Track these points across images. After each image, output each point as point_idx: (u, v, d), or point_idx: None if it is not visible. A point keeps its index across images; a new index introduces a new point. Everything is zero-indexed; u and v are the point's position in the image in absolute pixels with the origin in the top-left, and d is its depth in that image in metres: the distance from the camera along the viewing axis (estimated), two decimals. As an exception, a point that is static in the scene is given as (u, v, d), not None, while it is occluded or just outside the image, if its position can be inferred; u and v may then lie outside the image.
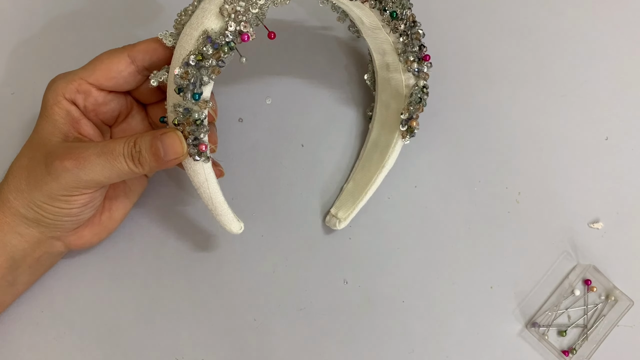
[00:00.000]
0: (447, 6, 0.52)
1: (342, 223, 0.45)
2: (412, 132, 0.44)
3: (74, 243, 0.41)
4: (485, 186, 0.49)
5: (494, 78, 0.51)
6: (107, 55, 0.39)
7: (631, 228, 0.49)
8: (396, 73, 0.43)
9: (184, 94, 0.36)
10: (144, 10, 0.50)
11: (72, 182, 0.37)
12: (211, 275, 0.46)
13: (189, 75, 0.35)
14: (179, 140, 0.36)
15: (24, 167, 0.38)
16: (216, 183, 0.39)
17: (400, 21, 0.40)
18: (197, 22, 0.35)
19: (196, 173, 0.38)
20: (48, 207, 0.38)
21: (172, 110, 0.37)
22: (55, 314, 0.45)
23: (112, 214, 0.43)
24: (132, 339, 0.45)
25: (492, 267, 0.47)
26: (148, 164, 0.37)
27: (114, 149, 0.37)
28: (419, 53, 0.42)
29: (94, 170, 0.37)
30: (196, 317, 0.45)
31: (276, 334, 0.46)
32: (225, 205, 0.40)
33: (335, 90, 0.49)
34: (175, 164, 0.38)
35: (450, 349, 0.46)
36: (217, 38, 0.35)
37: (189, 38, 0.36)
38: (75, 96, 0.39)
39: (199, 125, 0.36)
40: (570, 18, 0.52)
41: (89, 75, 0.39)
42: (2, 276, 0.39)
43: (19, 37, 0.49)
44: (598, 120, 0.50)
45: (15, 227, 0.39)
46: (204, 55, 0.35)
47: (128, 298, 0.45)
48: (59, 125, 0.39)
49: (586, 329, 0.47)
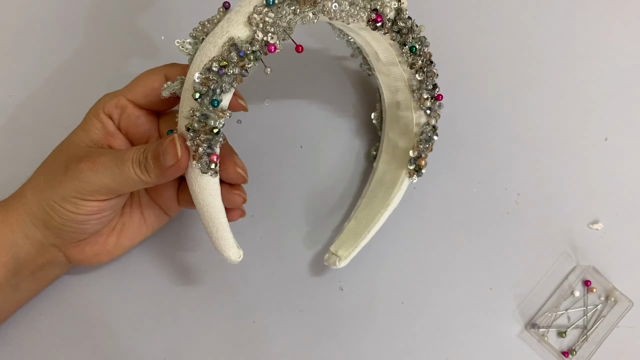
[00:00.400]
0: (447, 6, 0.52)
1: (342, 262, 0.44)
2: (420, 171, 0.43)
3: (74, 257, 0.41)
4: (484, 187, 0.49)
5: (493, 78, 0.51)
6: (146, 74, 0.40)
7: (631, 229, 0.48)
8: (407, 111, 0.43)
9: (201, 100, 0.34)
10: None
11: (86, 184, 0.37)
12: (210, 278, 0.46)
13: (210, 82, 0.34)
14: (175, 142, 0.36)
15: (47, 167, 0.40)
16: (221, 203, 0.37)
17: (419, 57, 0.40)
18: (222, 31, 0.34)
19: (201, 188, 0.36)
20: (58, 207, 0.38)
21: (187, 116, 0.35)
22: (54, 316, 0.44)
23: (119, 240, 0.42)
24: (132, 340, 0.45)
25: (492, 268, 0.47)
26: (153, 171, 0.37)
27: (125, 155, 0.37)
28: (433, 92, 0.42)
29: (106, 174, 0.37)
30: (196, 319, 0.45)
31: (276, 335, 0.46)
32: (228, 229, 0.38)
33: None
34: (177, 173, 0.37)
35: (450, 351, 0.46)
36: (243, 46, 0.34)
37: (212, 46, 0.34)
38: (112, 111, 0.40)
39: (215, 134, 0.35)
40: (569, 18, 0.52)
41: (127, 92, 0.40)
42: (6, 279, 0.39)
43: (18, 38, 0.49)
44: (597, 120, 0.50)
45: (23, 227, 0.39)
46: (228, 62, 0.34)
47: (127, 300, 0.45)
48: (91, 134, 0.40)
49: (586, 330, 0.47)
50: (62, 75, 0.48)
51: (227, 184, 0.40)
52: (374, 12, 0.37)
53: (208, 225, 0.37)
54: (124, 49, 0.49)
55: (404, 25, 0.38)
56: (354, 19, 0.36)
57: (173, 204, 0.42)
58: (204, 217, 0.37)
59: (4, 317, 0.42)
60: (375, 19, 0.37)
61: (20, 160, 0.46)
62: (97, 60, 0.49)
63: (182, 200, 0.42)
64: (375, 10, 0.37)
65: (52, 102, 0.48)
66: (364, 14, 0.36)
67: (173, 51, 0.39)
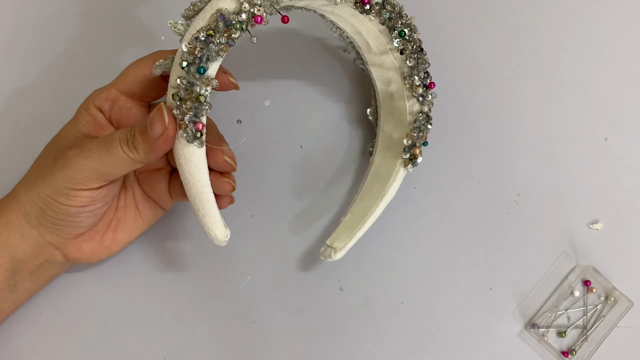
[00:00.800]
0: (448, 6, 0.52)
1: (338, 253, 0.43)
2: (415, 160, 0.43)
3: (72, 255, 0.41)
4: (484, 187, 0.49)
5: (493, 78, 0.51)
6: (136, 62, 0.40)
7: (631, 229, 0.48)
8: (400, 101, 0.43)
9: (188, 69, 0.35)
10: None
11: (75, 171, 0.37)
12: (211, 278, 0.46)
13: (197, 51, 0.35)
14: (162, 111, 0.35)
15: (38, 162, 0.41)
16: (207, 177, 0.37)
17: (409, 42, 0.41)
18: (210, 5, 0.35)
19: (187, 160, 0.36)
20: (50, 200, 0.38)
21: (174, 85, 0.36)
22: (54, 316, 0.44)
23: (116, 236, 0.42)
24: (131, 341, 0.45)
25: (491, 268, 0.47)
26: (141, 147, 0.36)
27: (112, 136, 0.37)
28: (425, 80, 0.42)
29: (94, 157, 0.37)
30: (196, 319, 0.45)
31: (276, 335, 0.46)
32: (215, 205, 0.37)
33: (334, 98, 0.50)
34: (166, 147, 0.36)
35: (450, 351, 0.46)
36: (230, 17, 0.35)
37: (201, 20, 0.35)
38: (103, 104, 0.40)
39: (202, 102, 0.35)
40: (569, 18, 0.52)
41: (118, 82, 0.40)
42: (4, 279, 0.39)
43: (17, 38, 0.49)
44: (597, 120, 0.50)
45: (19, 227, 0.39)
46: (214, 31, 0.35)
47: (127, 300, 0.45)
48: (80, 127, 0.40)
49: (586, 330, 0.47)
50: (62, 76, 0.48)
51: (217, 172, 0.40)
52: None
53: (194, 201, 0.37)
54: (125, 49, 0.49)
55: (391, 9, 0.39)
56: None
57: (166, 196, 0.42)
58: (190, 193, 0.37)
59: (2, 317, 0.42)
60: (362, 0, 0.37)
61: (20, 160, 0.46)
62: (97, 60, 0.49)
63: (174, 193, 0.42)
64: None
65: (52, 102, 0.48)
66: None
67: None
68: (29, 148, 0.46)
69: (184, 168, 0.36)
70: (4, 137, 0.47)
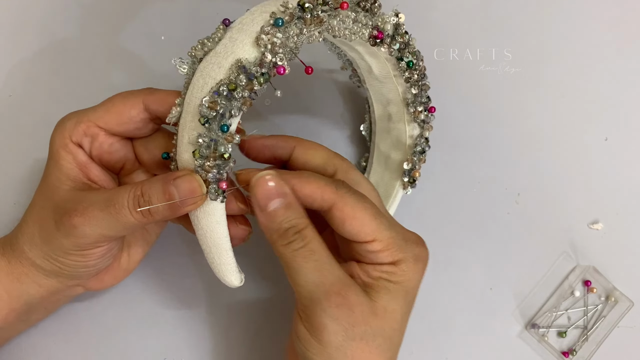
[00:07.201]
0: (448, 5, 0.52)
1: None
2: (414, 182, 0.43)
3: (94, 287, 0.40)
4: (484, 187, 0.49)
5: (493, 78, 0.51)
6: (121, 99, 0.36)
7: (631, 229, 0.48)
8: (399, 124, 0.43)
9: (209, 125, 0.32)
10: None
11: (82, 239, 0.35)
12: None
13: (219, 106, 0.32)
14: (197, 183, 0.33)
15: (36, 220, 0.37)
16: (226, 228, 0.35)
17: (415, 71, 0.40)
18: (225, 51, 0.33)
19: (207, 214, 0.34)
20: (64, 260, 0.36)
21: (193, 142, 0.33)
22: (54, 317, 0.44)
23: (131, 256, 0.41)
24: (132, 340, 0.45)
25: (492, 268, 0.47)
26: (161, 214, 0.33)
27: (117, 201, 0.34)
28: (427, 104, 0.42)
29: (101, 225, 0.34)
30: (196, 319, 0.45)
31: (276, 335, 0.45)
32: (231, 254, 0.35)
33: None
34: (190, 211, 0.34)
35: (450, 351, 0.46)
36: (252, 68, 0.32)
37: (217, 67, 0.33)
38: (82, 139, 0.37)
39: (226, 159, 0.33)
40: (569, 18, 0.52)
41: (98, 118, 0.36)
42: (18, 318, 0.39)
43: (17, 38, 0.49)
44: (597, 120, 0.50)
45: (34, 278, 0.37)
46: (236, 85, 0.32)
47: (127, 300, 0.45)
48: (65, 170, 0.36)
49: (586, 330, 0.47)
50: (63, 76, 0.48)
51: (231, 216, 0.37)
52: (375, 29, 0.36)
53: (210, 251, 0.35)
54: (125, 49, 0.49)
55: (402, 41, 0.38)
56: (357, 35, 0.36)
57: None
58: (205, 243, 0.35)
59: (10, 338, 0.42)
60: (376, 35, 0.36)
61: (20, 160, 0.46)
62: (97, 60, 0.49)
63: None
64: (377, 27, 0.36)
65: (52, 102, 0.48)
66: (365, 30, 0.36)
67: (173, 51, 0.39)
68: (29, 148, 0.47)
69: (202, 221, 0.34)
70: (4, 137, 0.47)
